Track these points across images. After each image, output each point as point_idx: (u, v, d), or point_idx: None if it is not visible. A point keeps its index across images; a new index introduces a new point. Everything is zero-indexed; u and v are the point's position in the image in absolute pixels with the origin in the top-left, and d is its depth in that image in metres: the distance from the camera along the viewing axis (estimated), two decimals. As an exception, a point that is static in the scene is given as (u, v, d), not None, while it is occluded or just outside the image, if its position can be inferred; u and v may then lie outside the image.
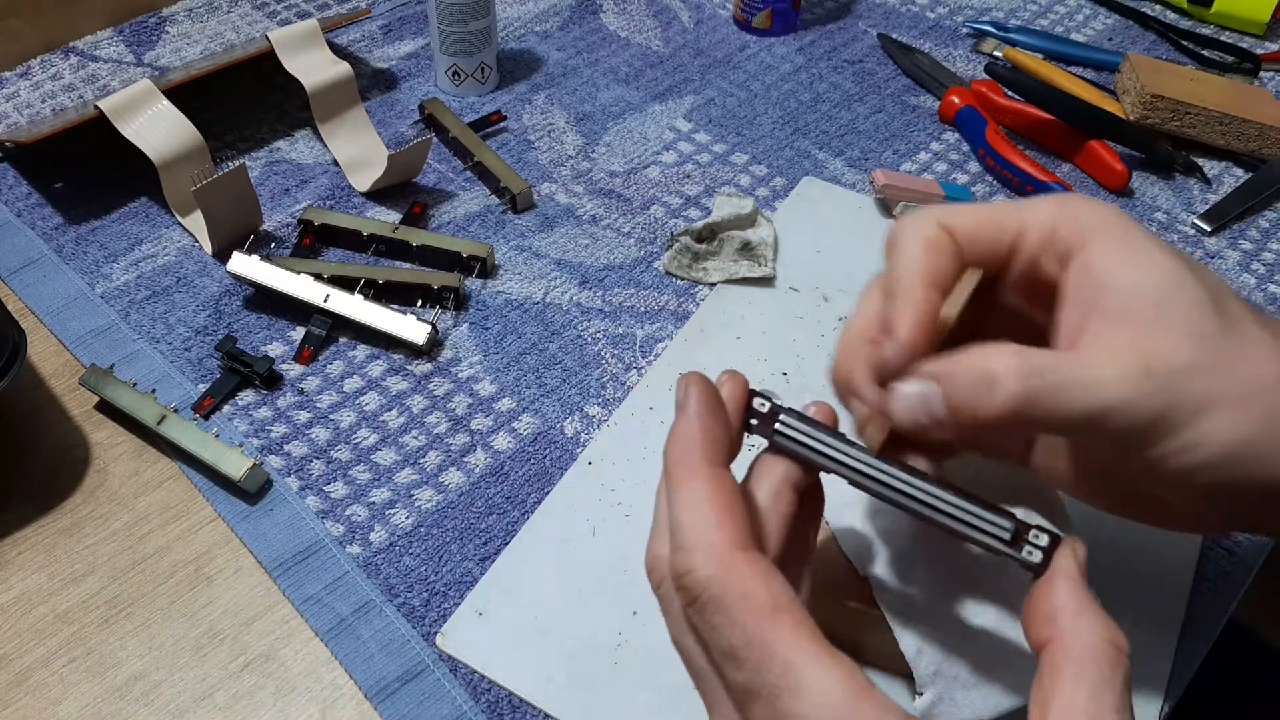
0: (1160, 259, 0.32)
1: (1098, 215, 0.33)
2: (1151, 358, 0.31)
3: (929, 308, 0.33)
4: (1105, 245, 0.32)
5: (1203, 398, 0.30)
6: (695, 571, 0.29)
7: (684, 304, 0.60)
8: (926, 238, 0.34)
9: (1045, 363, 0.31)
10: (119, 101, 0.62)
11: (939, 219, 0.34)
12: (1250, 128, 0.69)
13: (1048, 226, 0.34)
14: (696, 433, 0.31)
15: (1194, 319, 0.31)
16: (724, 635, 0.28)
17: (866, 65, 0.78)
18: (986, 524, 0.32)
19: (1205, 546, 0.48)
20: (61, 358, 0.57)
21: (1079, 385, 0.30)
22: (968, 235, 0.34)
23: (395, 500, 0.50)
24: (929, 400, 0.32)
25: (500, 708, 0.43)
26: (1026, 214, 0.34)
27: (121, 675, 0.44)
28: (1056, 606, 0.30)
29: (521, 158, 0.69)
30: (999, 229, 0.34)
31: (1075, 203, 0.34)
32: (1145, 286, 0.31)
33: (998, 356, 0.31)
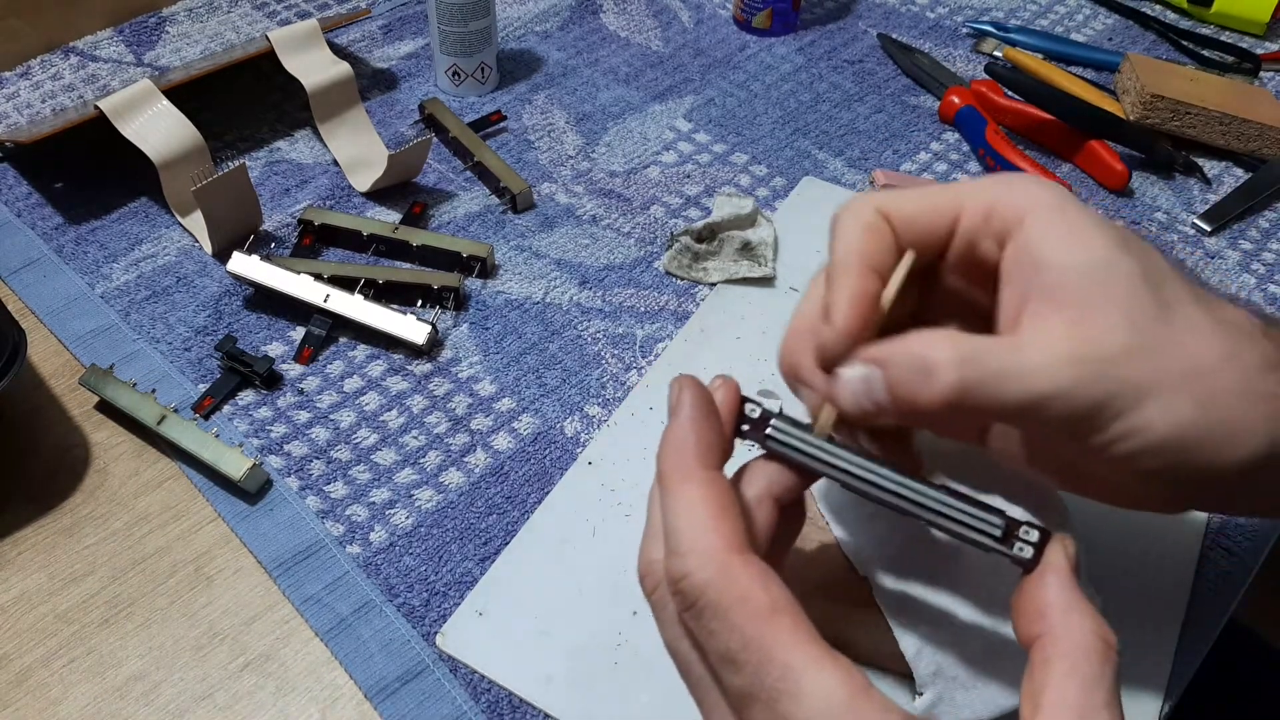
0: (1096, 236, 0.32)
1: (1034, 193, 0.33)
2: (1086, 343, 0.30)
3: (864, 290, 0.33)
4: (1041, 223, 0.32)
5: (1140, 383, 0.30)
6: (692, 575, 0.29)
7: (684, 304, 0.60)
8: (864, 222, 0.34)
9: (981, 350, 0.31)
10: (119, 101, 0.62)
11: (876, 204, 0.34)
12: (1250, 128, 0.69)
13: (984, 207, 0.34)
14: (690, 436, 0.31)
15: (1129, 300, 0.31)
16: (722, 639, 0.28)
17: (866, 65, 0.78)
18: (978, 522, 0.32)
19: (1205, 546, 0.48)
20: (61, 358, 0.57)
21: (1014, 373, 0.30)
22: (904, 218, 0.34)
23: (395, 500, 0.50)
24: (872, 386, 0.32)
25: (500, 708, 0.43)
26: (964, 195, 0.34)
27: (121, 675, 0.44)
28: (1047, 602, 0.30)
29: (521, 158, 0.69)
30: (935, 211, 0.35)
31: (1013, 182, 0.34)
32: (1080, 265, 0.31)
33: (935, 344, 0.31)
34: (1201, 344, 0.31)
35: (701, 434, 0.31)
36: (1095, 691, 0.28)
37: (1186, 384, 0.30)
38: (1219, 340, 0.31)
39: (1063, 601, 0.29)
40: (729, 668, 0.28)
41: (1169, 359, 0.31)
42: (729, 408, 0.33)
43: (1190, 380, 0.31)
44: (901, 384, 0.31)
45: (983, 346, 0.31)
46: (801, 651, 0.27)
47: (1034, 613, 0.30)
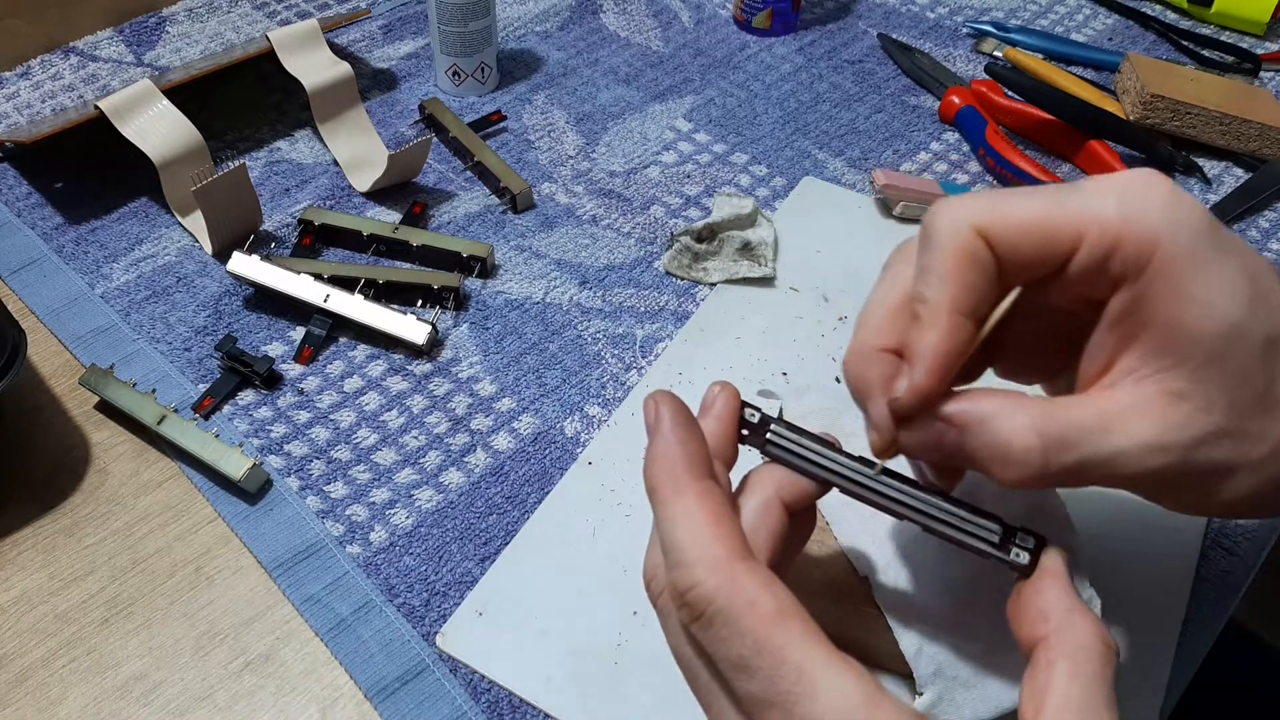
0: (1225, 301, 0.29)
1: (1170, 221, 0.29)
2: (1180, 427, 0.29)
3: (954, 347, 0.30)
4: (1169, 272, 0.29)
5: (1219, 465, 0.30)
6: (699, 585, 0.28)
7: (684, 304, 0.60)
8: (963, 248, 0.30)
9: (1065, 437, 0.29)
10: (119, 101, 0.62)
11: (977, 222, 0.30)
12: (1250, 128, 0.69)
13: (1109, 240, 0.29)
14: (676, 449, 0.31)
15: (1237, 380, 0.29)
16: (733, 646, 0.28)
17: (866, 65, 0.78)
18: (976, 529, 0.32)
19: (1205, 546, 0.48)
20: (61, 358, 0.57)
21: (1098, 459, 0.29)
22: (1010, 247, 0.30)
23: (395, 500, 0.50)
24: (945, 441, 0.31)
25: (500, 708, 0.43)
26: (1087, 219, 0.30)
27: (121, 675, 0.44)
28: (1049, 604, 0.30)
29: (521, 158, 0.69)
30: (1049, 241, 0.30)
31: (1146, 206, 0.29)
32: (1198, 336, 0.29)
33: (1019, 431, 0.29)
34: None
35: (685, 445, 0.31)
36: (1097, 692, 0.28)
37: (1264, 465, 0.30)
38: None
39: (1065, 604, 0.30)
40: (741, 674, 0.28)
41: (1254, 443, 0.30)
42: (731, 411, 0.33)
43: (1268, 461, 0.30)
44: (976, 458, 0.30)
45: (1069, 432, 0.29)
46: (815, 654, 0.27)
47: (1035, 616, 0.30)
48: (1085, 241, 0.30)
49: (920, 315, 0.31)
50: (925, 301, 0.31)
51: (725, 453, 0.33)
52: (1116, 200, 0.30)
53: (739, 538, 0.29)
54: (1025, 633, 0.30)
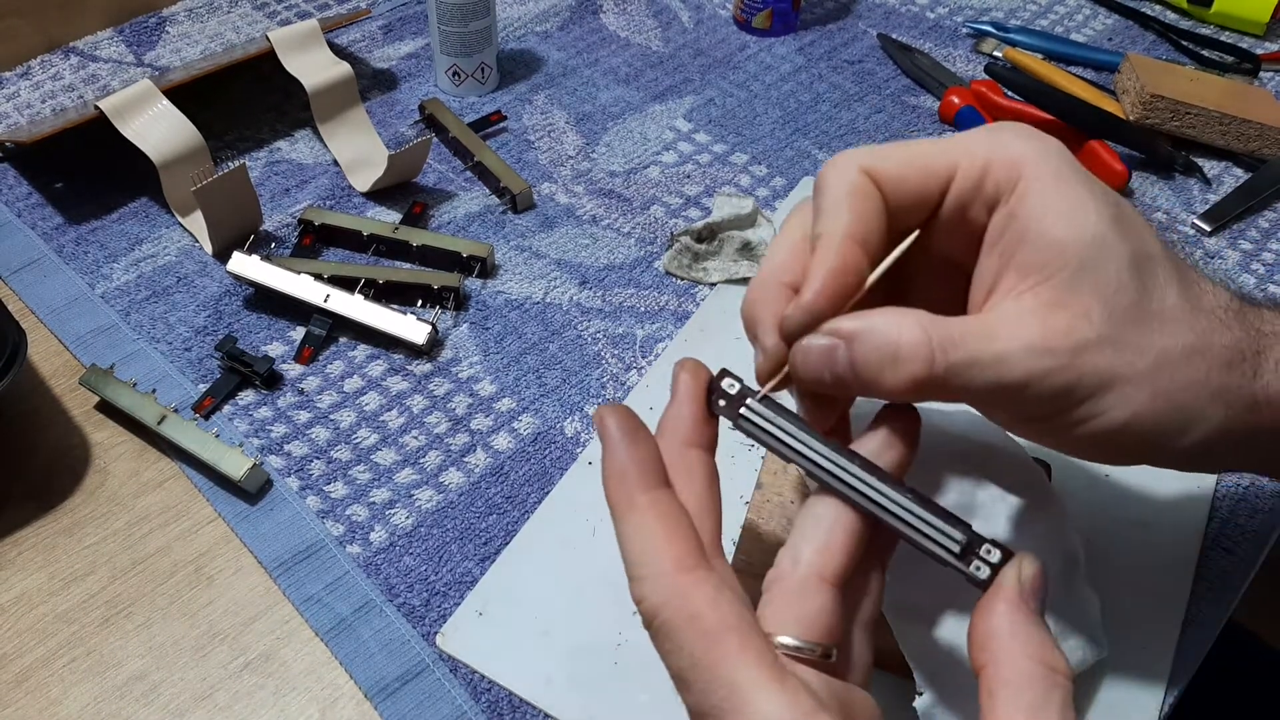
0: (1090, 212, 0.31)
1: (1032, 151, 0.32)
2: (1059, 332, 0.31)
3: (844, 267, 0.32)
4: (1034, 192, 0.32)
5: (1104, 373, 0.31)
6: (646, 600, 0.29)
7: (684, 304, 0.60)
8: (850, 184, 0.33)
9: (951, 336, 0.31)
10: (119, 101, 0.62)
11: (863, 162, 0.33)
12: (1250, 128, 0.69)
13: (979, 167, 0.33)
14: (623, 462, 0.31)
15: (1110, 287, 0.31)
16: (674, 659, 0.28)
17: (866, 65, 0.78)
18: (938, 534, 0.31)
19: (1205, 546, 0.48)
20: (61, 358, 0.57)
21: (982, 362, 0.31)
22: (894, 180, 0.33)
23: (395, 500, 0.50)
24: (835, 359, 0.31)
25: (500, 708, 0.43)
26: (957, 153, 0.33)
27: (121, 675, 0.44)
28: (990, 629, 0.29)
29: (521, 158, 0.69)
30: (927, 173, 0.33)
31: (1008, 137, 0.33)
32: (1067, 244, 0.31)
33: (904, 326, 0.31)
34: (1171, 337, 0.32)
35: (632, 457, 0.31)
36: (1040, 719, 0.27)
37: (1148, 377, 0.31)
38: (1190, 333, 0.32)
39: (1006, 628, 0.29)
40: (682, 685, 0.28)
41: (1136, 353, 0.31)
42: (694, 394, 0.33)
43: (1153, 374, 0.31)
44: (867, 364, 0.31)
45: (953, 332, 0.31)
46: (748, 671, 0.27)
47: (979, 640, 0.29)
48: (959, 171, 0.33)
49: (816, 246, 0.32)
50: (820, 235, 0.32)
51: (697, 436, 0.32)
52: (984, 136, 0.33)
53: (689, 548, 0.29)
54: (973, 658, 0.29)
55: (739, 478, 0.50)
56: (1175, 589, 0.47)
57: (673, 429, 0.32)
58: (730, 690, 0.27)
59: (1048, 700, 0.27)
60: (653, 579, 0.29)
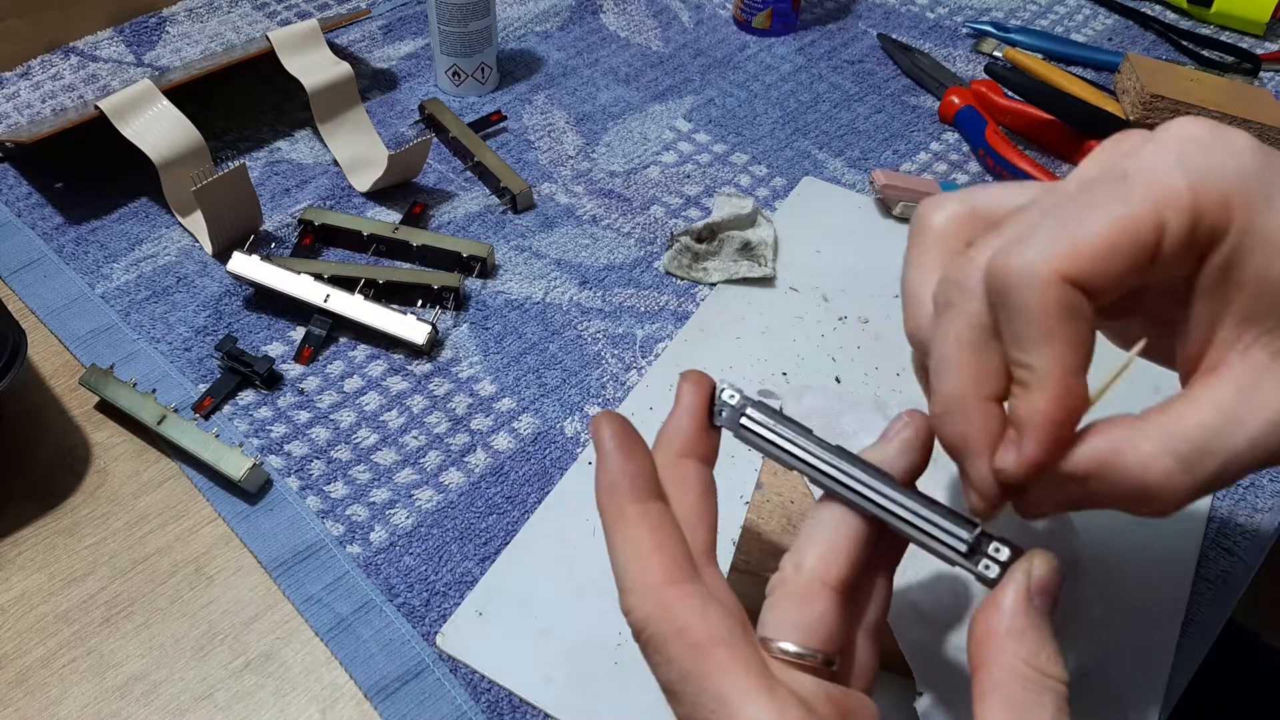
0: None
1: (1235, 175, 0.28)
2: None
3: (1070, 408, 0.28)
4: (1247, 230, 0.28)
5: None
6: (634, 612, 0.29)
7: (684, 304, 0.60)
8: (1058, 304, 0.27)
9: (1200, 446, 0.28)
10: (119, 101, 0.62)
11: (1061, 271, 0.27)
12: (1250, 128, 0.69)
13: (1186, 215, 0.27)
14: (615, 473, 0.30)
15: None
16: (662, 671, 0.28)
17: (866, 65, 0.78)
18: (944, 533, 0.30)
19: (1205, 546, 0.48)
20: (61, 358, 0.57)
21: (1236, 458, 0.28)
22: (1102, 276, 0.27)
23: (395, 500, 0.50)
24: (1068, 496, 0.29)
25: (500, 708, 0.43)
26: (1159, 205, 0.27)
27: (121, 675, 0.44)
28: (988, 629, 0.28)
29: (521, 158, 0.69)
30: (1137, 247, 0.27)
31: (1203, 158, 0.28)
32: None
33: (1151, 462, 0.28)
34: None
35: (624, 468, 0.30)
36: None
37: None
38: None
39: (1004, 628, 0.28)
40: (672, 698, 0.28)
41: None
42: (696, 406, 0.33)
43: None
44: (1111, 499, 0.29)
45: (1198, 435, 0.28)
46: (736, 683, 0.27)
47: (976, 640, 0.28)
48: (1168, 230, 0.27)
49: (1027, 382, 0.29)
50: (1031, 369, 0.28)
51: (695, 447, 0.32)
52: (1176, 163, 0.28)
53: (677, 560, 0.29)
54: (970, 657, 0.29)
55: (739, 478, 0.50)
56: (1175, 589, 0.47)
57: (670, 439, 0.32)
58: (719, 702, 0.27)
59: (1039, 705, 0.27)
60: (641, 591, 0.29)
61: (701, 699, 0.27)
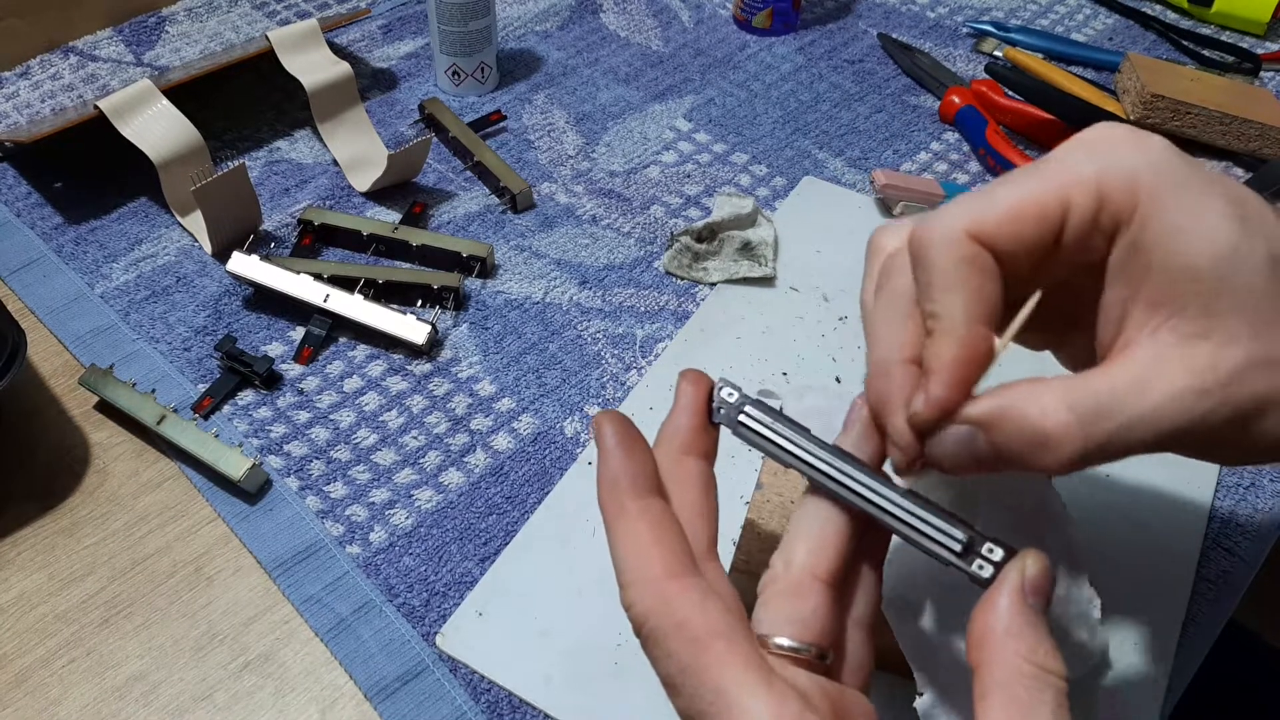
0: (1215, 226, 0.29)
1: (1144, 166, 0.29)
2: (1207, 369, 0.29)
3: (975, 354, 0.30)
4: (1152, 214, 0.29)
5: (1262, 396, 0.29)
6: (634, 606, 0.29)
7: (684, 304, 0.60)
8: (960, 257, 0.30)
9: (1099, 404, 0.29)
10: (119, 101, 0.62)
11: (967, 228, 0.30)
12: (1250, 128, 0.69)
13: (1092, 196, 0.30)
14: (616, 470, 0.31)
15: (1251, 301, 0.29)
16: (662, 665, 0.29)
17: (867, 65, 0.78)
18: (939, 533, 0.31)
19: (1205, 546, 0.48)
20: (61, 358, 0.57)
21: (1136, 423, 0.29)
22: (1006, 237, 0.30)
23: (395, 500, 0.50)
24: (975, 448, 0.30)
25: (500, 708, 0.43)
26: (1067, 183, 0.30)
27: (121, 675, 0.44)
28: (987, 627, 0.28)
29: (521, 158, 0.69)
30: (1041, 219, 0.30)
31: (1115, 151, 0.30)
32: (1197, 267, 0.29)
33: (1049, 408, 0.29)
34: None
35: (625, 465, 0.31)
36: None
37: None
38: None
39: (1002, 627, 0.28)
40: (672, 691, 0.29)
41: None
42: (695, 405, 0.33)
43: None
44: (1010, 449, 0.29)
45: (1100, 397, 0.29)
46: (734, 675, 0.27)
47: (975, 639, 0.29)
48: (1072, 206, 0.30)
49: (934, 330, 0.30)
50: (937, 317, 0.30)
51: (696, 444, 0.33)
52: (1087, 155, 0.30)
53: (677, 555, 0.29)
54: (969, 656, 0.29)
55: (739, 478, 0.50)
56: (1176, 589, 0.47)
57: (670, 437, 0.33)
58: (717, 695, 0.27)
59: (1040, 701, 0.27)
60: (640, 585, 0.29)
61: (700, 691, 0.28)
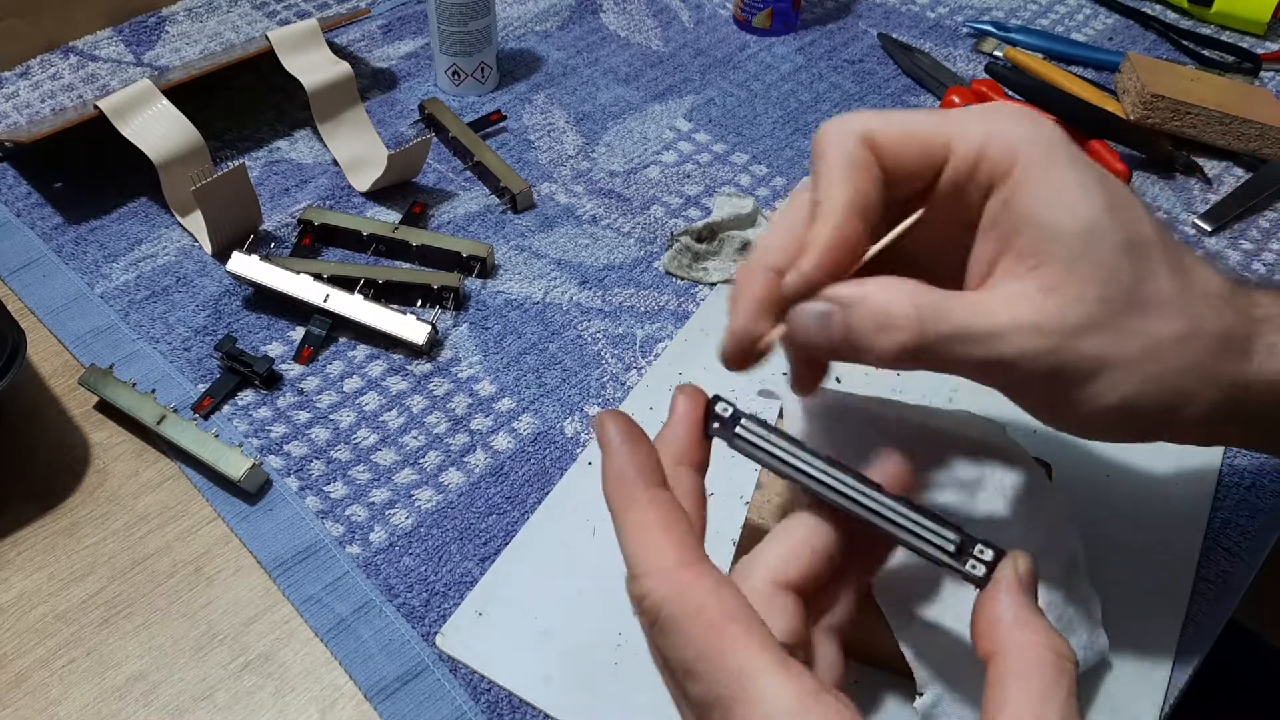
0: (1084, 197, 0.32)
1: (1028, 136, 0.32)
2: (1052, 314, 0.31)
3: (845, 238, 0.32)
4: (1030, 177, 0.32)
5: (1095, 358, 0.32)
6: (650, 595, 0.29)
7: (684, 304, 0.60)
8: (850, 152, 0.33)
9: (943, 308, 0.31)
10: (118, 101, 0.62)
11: (863, 128, 0.33)
12: (1250, 127, 0.69)
13: (975, 147, 0.33)
14: (624, 463, 0.31)
15: (1105, 272, 0.31)
16: (679, 652, 0.29)
17: (867, 65, 0.78)
18: (932, 535, 0.32)
19: (1205, 546, 0.48)
20: (61, 358, 0.57)
21: (973, 336, 0.31)
22: (892, 151, 0.33)
23: (395, 500, 0.50)
24: (829, 324, 0.32)
25: (500, 708, 0.43)
26: (954, 131, 0.33)
27: (121, 675, 0.44)
28: (995, 619, 0.30)
29: (521, 158, 0.69)
30: (925, 147, 0.33)
31: (1005, 119, 0.33)
32: (1062, 230, 0.31)
33: (896, 296, 0.32)
34: (1163, 323, 0.32)
35: (633, 458, 0.32)
36: (1049, 705, 0.27)
37: (1139, 363, 0.32)
38: (1182, 318, 0.32)
39: (1011, 617, 0.29)
40: (689, 678, 0.29)
41: (1129, 337, 0.32)
42: (690, 416, 0.34)
43: (1143, 359, 0.32)
44: (858, 331, 0.32)
45: (945, 304, 0.32)
46: (753, 658, 0.28)
47: (985, 630, 0.30)
48: (954, 153, 0.33)
49: (815, 214, 0.33)
50: (819, 204, 0.33)
51: (690, 455, 0.33)
52: (979, 118, 0.33)
53: (689, 543, 0.30)
54: (980, 648, 0.30)
55: (739, 478, 0.50)
56: (1176, 589, 0.47)
57: (664, 447, 0.33)
58: (737, 677, 0.28)
59: (1057, 686, 0.28)
60: (656, 573, 0.29)
61: (719, 675, 0.28)
